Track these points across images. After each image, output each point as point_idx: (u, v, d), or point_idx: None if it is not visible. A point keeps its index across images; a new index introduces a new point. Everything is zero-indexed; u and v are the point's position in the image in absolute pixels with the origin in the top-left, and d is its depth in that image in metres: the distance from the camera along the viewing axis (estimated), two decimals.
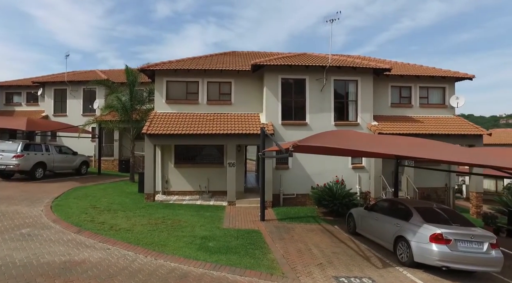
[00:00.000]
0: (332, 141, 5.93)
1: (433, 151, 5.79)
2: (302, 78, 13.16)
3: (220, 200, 12.74)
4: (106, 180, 16.03)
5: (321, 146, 5.73)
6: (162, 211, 10.22)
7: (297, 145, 5.27)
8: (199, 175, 13.56)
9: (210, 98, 13.81)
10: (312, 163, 12.95)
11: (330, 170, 12.98)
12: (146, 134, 11.81)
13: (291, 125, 12.96)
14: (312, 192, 12.10)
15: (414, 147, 6.02)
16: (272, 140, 9.04)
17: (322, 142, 5.69)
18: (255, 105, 13.81)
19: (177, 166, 13.57)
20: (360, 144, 6.38)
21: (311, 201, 12.85)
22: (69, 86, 21.05)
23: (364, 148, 6.13)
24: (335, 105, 13.27)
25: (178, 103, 13.65)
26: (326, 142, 5.77)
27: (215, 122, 12.61)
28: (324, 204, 11.15)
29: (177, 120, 12.66)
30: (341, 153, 10.30)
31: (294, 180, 12.94)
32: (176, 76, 13.62)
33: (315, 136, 5.87)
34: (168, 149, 13.60)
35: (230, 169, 12.08)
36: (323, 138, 5.91)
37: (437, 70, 14.69)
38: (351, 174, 13.19)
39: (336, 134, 6.63)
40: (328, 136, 6.18)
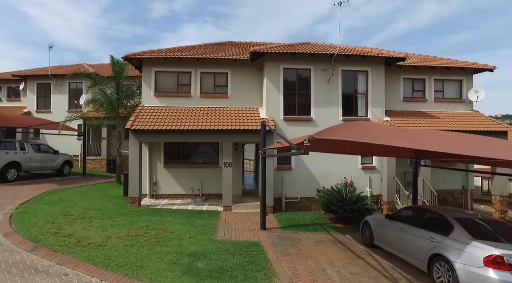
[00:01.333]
0: (354, 134, 4.59)
1: (485, 148, 4.46)
2: (307, 68, 11.81)
3: (215, 204, 11.36)
4: (90, 181, 14.59)
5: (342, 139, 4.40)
6: (147, 218, 8.82)
7: (314, 138, 3.94)
8: (192, 176, 12.17)
9: (203, 90, 12.42)
10: (318, 163, 11.62)
11: (337, 170, 11.65)
12: (130, 130, 10.40)
13: (294, 120, 11.61)
14: (318, 196, 10.76)
15: (460, 143, 4.68)
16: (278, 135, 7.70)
17: (343, 135, 4.36)
18: (254, 98, 12.44)
19: (166, 166, 12.17)
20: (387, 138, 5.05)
21: (316, 205, 11.52)
22: (53, 80, 19.54)
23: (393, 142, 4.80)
24: (343, 98, 11.93)
25: (168, 96, 12.24)
26: (347, 135, 4.43)
27: (209, 117, 11.23)
28: (333, 210, 9.81)
29: (166, 115, 11.26)
30: (355, 151, 8.96)
31: (298, 182, 11.60)
32: (166, 66, 12.21)
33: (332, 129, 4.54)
34: (156, 147, 12.20)
35: (226, 170, 10.70)
36: (344, 131, 4.58)
37: (453, 61, 13.41)
38: (361, 175, 11.87)
39: (358, 127, 5.28)
40: (348, 128, 4.86)
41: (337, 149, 8.08)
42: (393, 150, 8.55)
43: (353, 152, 9.45)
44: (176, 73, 12.36)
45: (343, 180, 11.56)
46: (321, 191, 11.50)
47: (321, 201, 10.32)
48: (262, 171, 9.05)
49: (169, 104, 12.17)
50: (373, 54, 11.55)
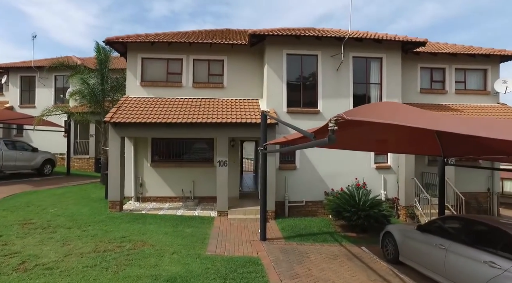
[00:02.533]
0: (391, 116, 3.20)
1: None
2: (313, 54, 10.40)
3: (208, 209, 9.96)
4: (72, 182, 13.20)
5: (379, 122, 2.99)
6: (126, 227, 7.42)
7: (344, 118, 2.56)
8: (183, 176, 10.76)
9: (196, 80, 11.01)
10: (326, 162, 10.21)
11: (348, 170, 10.24)
12: (110, 123, 8.99)
13: (299, 113, 10.20)
14: (327, 200, 9.34)
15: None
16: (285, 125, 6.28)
17: (380, 116, 2.96)
18: (253, 89, 11.04)
19: (154, 165, 10.76)
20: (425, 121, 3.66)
21: (324, 210, 10.11)
22: (37, 73, 18.14)
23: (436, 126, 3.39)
24: (355, 89, 10.52)
25: (156, 86, 10.83)
26: (385, 116, 3.03)
27: (202, 110, 9.82)
28: (345, 217, 8.38)
29: (153, 107, 9.86)
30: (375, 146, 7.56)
31: (303, 183, 10.18)
32: (154, 51, 10.80)
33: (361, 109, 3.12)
34: (143, 144, 10.79)
35: (221, 169, 9.29)
36: (377, 111, 3.20)
37: (476, 48, 11.99)
38: (374, 176, 10.45)
39: (392, 108, 3.87)
40: (380, 108, 3.48)
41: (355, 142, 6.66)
42: (420, 145, 7.15)
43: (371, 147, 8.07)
44: (166, 60, 10.95)
45: (355, 182, 10.16)
46: (329, 193, 10.09)
47: (331, 206, 8.91)
48: (262, 171, 7.65)
49: (157, 95, 10.76)
50: (389, 38, 10.13)
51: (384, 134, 6.14)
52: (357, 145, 7.04)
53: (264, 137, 7.51)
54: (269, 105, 10.13)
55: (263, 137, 7.50)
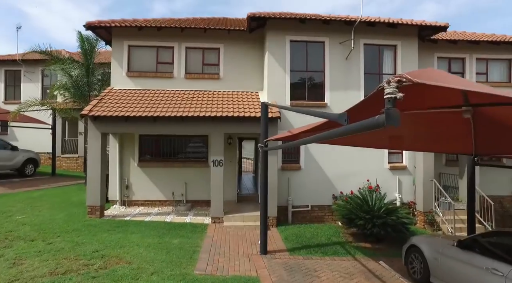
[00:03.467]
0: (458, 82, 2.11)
1: None
2: (320, 40, 9.28)
3: (202, 214, 8.85)
4: (55, 183, 12.10)
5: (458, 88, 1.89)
6: (102, 238, 6.31)
7: (410, 80, 1.49)
8: (174, 178, 9.65)
9: (189, 70, 9.90)
10: (334, 161, 9.10)
11: (359, 171, 9.13)
12: (89, 117, 7.89)
13: (304, 107, 9.08)
14: (336, 205, 8.22)
15: None
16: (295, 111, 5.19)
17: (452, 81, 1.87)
18: (252, 80, 9.93)
19: (142, 165, 9.65)
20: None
21: (331, 215, 9.02)
22: (23, 67, 17.03)
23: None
24: (366, 80, 9.40)
25: (144, 77, 9.72)
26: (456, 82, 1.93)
27: (194, 103, 8.71)
28: (359, 224, 7.25)
29: (140, 99, 8.74)
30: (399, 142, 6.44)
31: (308, 185, 9.07)
32: (142, 38, 9.69)
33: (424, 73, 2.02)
34: (129, 141, 9.67)
35: (216, 170, 8.18)
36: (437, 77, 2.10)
37: (499, 36, 10.86)
38: (388, 177, 9.33)
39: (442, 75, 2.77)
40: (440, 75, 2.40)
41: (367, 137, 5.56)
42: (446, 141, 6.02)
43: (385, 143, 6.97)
44: (155, 48, 9.84)
45: (367, 184, 9.05)
46: (338, 197, 8.98)
47: (342, 212, 7.78)
48: (262, 172, 6.52)
49: (146, 87, 9.65)
50: (404, 23, 9.02)
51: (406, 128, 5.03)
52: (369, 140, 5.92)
53: (265, 132, 6.39)
54: (270, 98, 9.01)
55: (264, 132, 6.37)
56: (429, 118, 5.11)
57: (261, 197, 6.55)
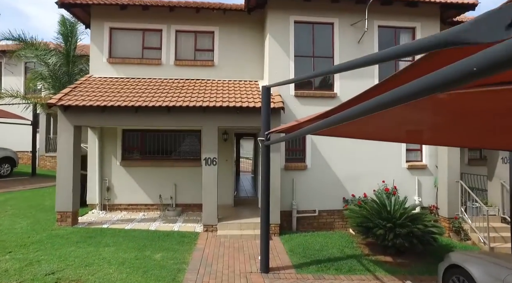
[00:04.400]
0: None
1: None
2: (329, 22, 8.13)
3: (193, 221, 7.68)
4: (31, 185, 10.90)
5: None
6: (67, 253, 5.13)
7: None
8: (162, 178, 8.47)
9: (180, 56, 8.72)
10: (345, 160, 7.95)
11: (372, 171, 7.99)
12: (58, 107, 6.70)
13: (311, 97, 7.94)
14: (349, 211, 7.04)
15: None
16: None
17: None
18: (252, 67, 8.77)
19: (126, 164, 8.46)
20: None
21: (341, 222, 7.88)
22: (3, 58, 15.80)
23: None
24: (381, 67, 8.25)
25: (128, 64, 8.53)
26: None
27: (184, 92, 7.54)
28: (378, 234, 6.07)
29: (121, 88, 7.57)
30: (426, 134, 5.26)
31: (315, 187, 7.91)
32: (125, 20, 8.51)
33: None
34: (111, 137, 8.48)
35: (208, 170, 7.00)
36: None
37: None
38: (406, 178, 8.18)
39: None
40: None
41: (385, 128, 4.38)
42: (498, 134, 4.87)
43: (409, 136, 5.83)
44: (141, 31, 8.65)
45: (382, 185, 7.90)
46: (350, 201, 7.83)
47: (356, 219, 6.60)
48: (263, 172, 5.33)
49: (130, 74, 8.47)
50: (426, 0, 7.87)
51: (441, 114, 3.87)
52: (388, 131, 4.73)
53: (266, 122, 5.21)
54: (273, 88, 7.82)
55: (265, 122, 5.20)
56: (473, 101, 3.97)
57: (262, 202, 5.37)
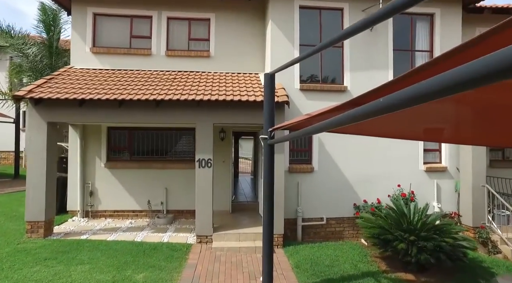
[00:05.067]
0: None
1: None
2: (338, 7, 7.28)
3: (186, 230, 6.81)
4: (9, 188, 10.05)
5: None
6: (28, 274, 4.26)
7: None
8: (152, 182, 7.61)
9: (172, 46, 7.86)
10: (355, 161, 7.11)
11: (386, 173, 7.15)
12: (29, 100, 5.82)
13: (318, 91, 7.08)
14: (363, 220, 6.17)
15: None
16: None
17: None
18: (251, 58, 7.92)
19: (111, 165, 7.59)
20: None
21: (351, 230, 7.05)
22: None
23: None
24: (396, 58, 7.41)
25: (114, 54, 7.66)
26: None
27: (176, 84, 6.67)
28: (399, 248, 5.21)
29: (105, 80, 6.69)
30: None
31: (323, 192, 7.05)
32: (111, 4, 7.64)
33: None
34: (95, 135, 7.60)
35: (202, 172, 6.14)
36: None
37: None
38: (423, 182, 7.33)
39: None
40: None
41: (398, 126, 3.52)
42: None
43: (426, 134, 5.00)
44: (128, 18, 7.78)
45: (398, 190, 7.05)
46: (361, 207, 6.98)
47: (372, 230, 5.73)
48: (266, 175, 4.44)
49: (116, 66, 7.60)
50: None
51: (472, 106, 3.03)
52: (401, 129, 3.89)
53: (270, 117, 4.33)
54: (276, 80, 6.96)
55: (268, 117, 4.31)
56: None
57: (265, 211, 4.47)
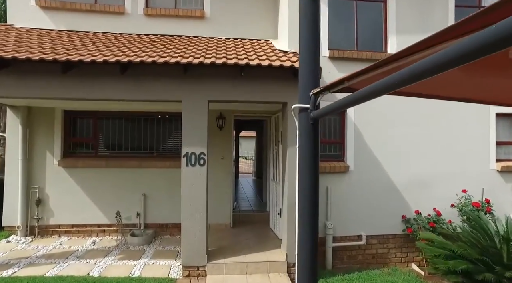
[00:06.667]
0: None
1: None
2: None
3: (169, 254, 4.79)
4: None
5: None
6: None
7: None
8: (124, 186, 5.58)
9: (154, 3, 5.85)
10: (403, 157, 5.17)
11: (445, 174, 5.22)
12: None
13: (352, 60, 5.11)
14: (427, 243, 4.20)
15: None
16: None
17: None
18: (260, 21, 5.93)
19: (68, 163, 5.53)
20: None
21: (397, 251, 5.12)
22: None
23: None
24: (457, 16, 5.48)
25: (73, 11, 5.61)
26: None
27: (156, 46, 4.67)
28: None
29: (53, 41, 4.64)
30: None
31: (360, 199, 5.09)
32: None
33: None
34: (44, 122, 5.54)
35: (192, 172, 4.13)
36: None
37: None
38: (496, 186, 5.39)
39: None
40: None
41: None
42: None
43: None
44: None
45: (464, 197, 5.12)
46: (413, 220, 5.02)
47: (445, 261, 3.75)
48: (306, 173, 2.33)
49: (75, 27, 5.57)
50: None
51: None
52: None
53: (312, 72, 2.31)
54: (293, 47, 5.00)
55: (309, 71, 2.29)
56: None
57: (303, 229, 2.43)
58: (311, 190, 2.28)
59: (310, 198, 2.27)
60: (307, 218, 2.27)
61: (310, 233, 2.26)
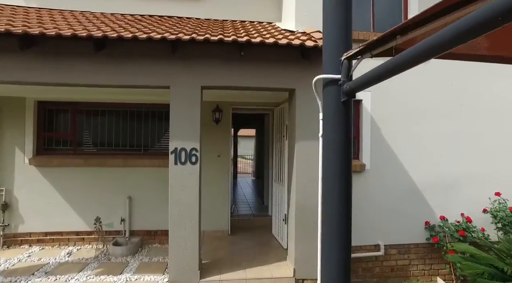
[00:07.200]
0: None
1: None
2: None
3: (157, 267, 4.07)
4: None
5: None
6: None
7: None
8: (106, 187, 4.87)
9: None
10: (426, 155, 4.49)
11: (473, 175, 4.58)
12: None
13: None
14: (460, 257, 3.53)
15: None
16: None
17: None
18: (261, 4, 5.25)
19: (41, 161, 4.80)
20: None
21: (420, 263, 4.43)
22: None
23: None
24: None
25: None
26: None
27: (140, 24, 3.96)
28: None
29: (17, 15, 3.93)
30: None
31: (378, 203, 4.41)
32: None
33: None
34: (14, 114, 4.80)
35: (181, 172, 3.43)
36: None
37: None
38: None
39: None
40: None
41: None
42: None
43: None
44: None
45: (498, 201, 4.46)
46: (438, 227, 4.36)
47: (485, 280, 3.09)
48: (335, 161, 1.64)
49: (48, 4, 4.85)
50: None
51: None
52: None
53: (344, 33, 1.64)
54: (302, 28, 4.31)
55: (338, 28, 1.62)
56: None
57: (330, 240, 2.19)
58: (342, 192, 1.61)
59: (340, 201, 1.60)
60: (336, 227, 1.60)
61: (341, 247, 1.59)
